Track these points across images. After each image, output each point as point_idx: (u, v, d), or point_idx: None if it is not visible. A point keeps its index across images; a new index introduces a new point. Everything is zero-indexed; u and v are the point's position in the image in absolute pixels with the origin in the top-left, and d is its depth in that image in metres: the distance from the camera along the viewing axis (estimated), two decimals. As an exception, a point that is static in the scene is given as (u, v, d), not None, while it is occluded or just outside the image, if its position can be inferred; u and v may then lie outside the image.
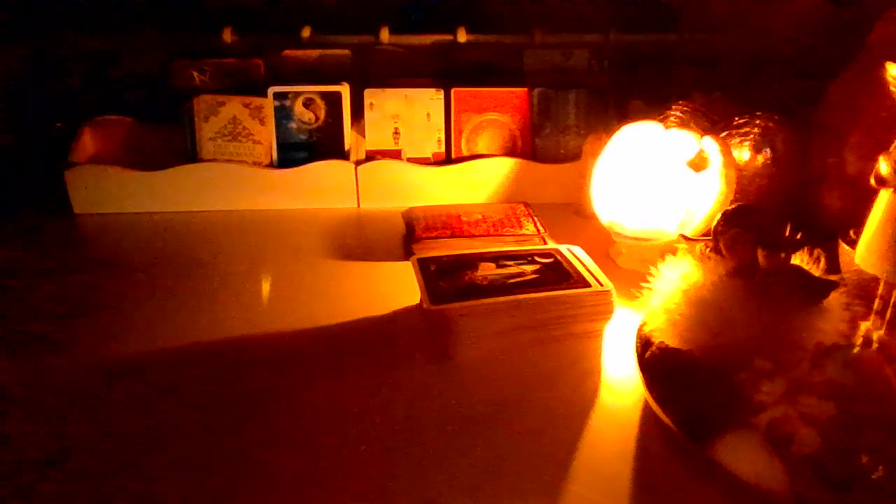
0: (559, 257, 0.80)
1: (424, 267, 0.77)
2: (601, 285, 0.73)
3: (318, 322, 0.76)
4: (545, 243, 0.92)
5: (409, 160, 1.09)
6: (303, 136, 1.08)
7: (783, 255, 0.58)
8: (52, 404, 0.62)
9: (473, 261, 0.79)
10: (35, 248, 0.96)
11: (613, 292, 0.73)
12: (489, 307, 0.70)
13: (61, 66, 1.17)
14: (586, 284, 0.74)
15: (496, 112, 1.11)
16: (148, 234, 0.99)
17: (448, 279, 0.75)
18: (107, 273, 0.89)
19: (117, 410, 0.62)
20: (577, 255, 0.81)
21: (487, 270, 0.77)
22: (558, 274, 0.76)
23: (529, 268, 0.78)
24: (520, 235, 0.93)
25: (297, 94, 1.06)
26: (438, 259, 0.80)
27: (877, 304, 0.60)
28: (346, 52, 1.14)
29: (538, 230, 0.94)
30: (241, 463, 0.55)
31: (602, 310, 0.73)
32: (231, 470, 0.55)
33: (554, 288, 0.73)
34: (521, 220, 0.97)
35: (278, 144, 1.07)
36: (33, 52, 1.15)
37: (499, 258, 0.80)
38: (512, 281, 0.74)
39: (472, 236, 0.92)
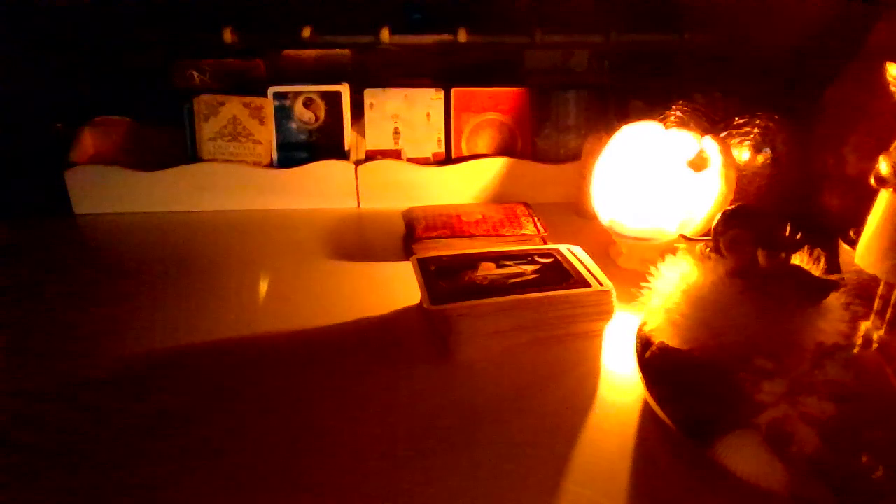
0: (559, 257, 0.80)
1: (424, 267, 0.77)
2: (601, 285, 0.73)
3: (318, 322, 0.76)
4: (545, 243, 0.92)
5: (409, 160, 1.09)
6: (303, 136, 1.08)
7: (783, 255, 0.58)
8: (49, 404, 0.63)
9: (474, 261, 0.79)
10: (35, 248, 0.96)
11: (613, 292, 0.73)
12: (489, 307, 0.70)
13: (61, 66, 1.17)
14: (586, 284, 0.74)
15: (496, 112, 1.11)
16: (148, 234, 0.99)
17: (448, 279, 0.75)
18: (106, 273, 0.89)
19: (117, 411, 0.62)
20: (577, 255, 0.81)
21: (488, 270, 0.77)
22: (558, 274, 0.76)
23: (529, 268, 0.78)
24: (520, 235, 0.93)
25: (297, 94, 1.06)
26: (438, 259, 0.80)
27: (877, 304, 0.60)
28: (346, 52, 1.14)
29: (538, 230, 0.94)
30: (240, 462, 0.55)
31: (602, 310, 0.73)
32: (229, 469, 0.55)
33: (554, 288, 0.73)
34: (521, 220, 0.97)
35: (278, 144, 1.07)
36: (34, 52, 1.15)
37: (499, 258, 0.80)
38: (512, 281, 0.74)
39: (472, 236, 0.92)
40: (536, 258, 0.80)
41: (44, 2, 1.10)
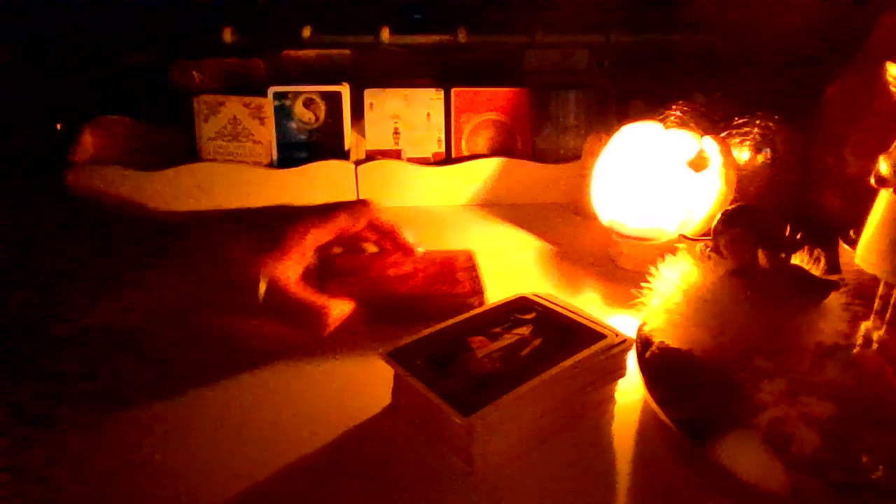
0: (536, 307, 0.65)
1: (407, 361, 0.56)
2: (616, 335, 0.60)
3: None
4: (478, 304, 0.71)
5: (409, 160, 1.09)
6: (303, 136, 1.08)
7: (783, 255, 0.58)
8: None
9: (461, 337, 0.60)
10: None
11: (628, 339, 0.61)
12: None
13: (61, 66, 1.17)
14: (599, 336, 0.60)
15: (496, 112, 1.11)
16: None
17: (450, 371, 0.55)
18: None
19: (117, 406, 0.62)
20: (547, 299, 0.66)
21: (485, 347, 0.59)
22: (557, 328, 0.62)
23: (524, 330, 0.62)
24: (449, 294, 0.73)
25: (297, 94, 1.06)
26: (418, 345, 0.59)
27: (877, 304, 0.60)
28: (346, 52, 1.14)
29: (471, 289, 0.74)
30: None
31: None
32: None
33: (575, 348, 0.58)
34: (458, 274, 0.77)
35: (278, 144, 1.07)
36: (33, 52, 1.15)
37: (484, 327, 0.62)
38: (525, 353, 0.58)
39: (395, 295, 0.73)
40: (517, 315, 0.64)
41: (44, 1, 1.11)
